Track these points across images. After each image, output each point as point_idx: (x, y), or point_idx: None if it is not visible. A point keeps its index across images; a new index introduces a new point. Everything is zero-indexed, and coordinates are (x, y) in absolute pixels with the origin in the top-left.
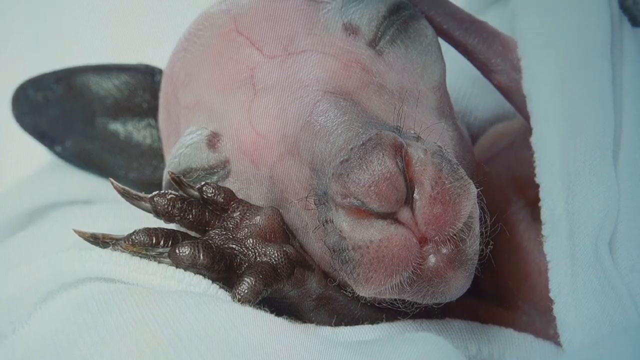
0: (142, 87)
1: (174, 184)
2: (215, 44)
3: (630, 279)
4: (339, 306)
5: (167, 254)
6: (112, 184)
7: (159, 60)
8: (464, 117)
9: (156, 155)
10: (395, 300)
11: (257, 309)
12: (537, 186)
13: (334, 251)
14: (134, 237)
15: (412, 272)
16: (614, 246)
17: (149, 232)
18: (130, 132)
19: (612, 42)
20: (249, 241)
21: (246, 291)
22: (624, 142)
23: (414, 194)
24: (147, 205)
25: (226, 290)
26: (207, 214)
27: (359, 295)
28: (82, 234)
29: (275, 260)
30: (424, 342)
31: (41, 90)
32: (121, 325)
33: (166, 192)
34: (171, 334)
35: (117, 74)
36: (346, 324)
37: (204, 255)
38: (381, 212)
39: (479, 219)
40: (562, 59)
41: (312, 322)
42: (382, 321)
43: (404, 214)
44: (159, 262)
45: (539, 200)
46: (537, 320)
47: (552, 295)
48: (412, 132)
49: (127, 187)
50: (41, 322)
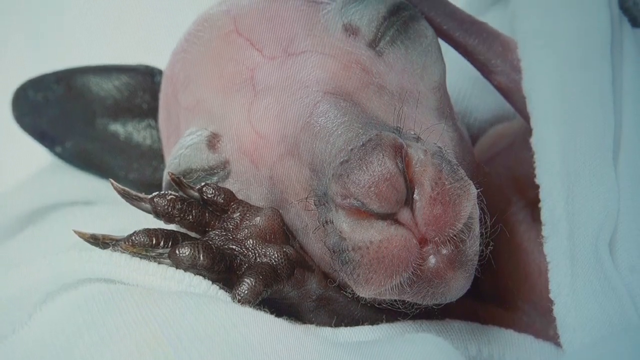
0: (142, 88)
1: (174, 184)
2: (215, 45)
3: (630, 279)
4: (339, 307)
5: (167, 254)
6: (112, 184)
7: (158, 60)
8: (464, 117)
9: (156, 156)
10: (395, 301)
11: (257, 309)
12: (537, 187)
13: (334, 252)
14: (134, 237)
15: (412, 272)
16: (614, 247)
17: (149, 232)
18: (130, 133)
19: (612, 43)
20: (249, 242)
21: (246, 292)
22: (624, 142)
23: (414, 195)
24: (147, 206)
25: (226, 291)
26: (207, 214)
27: (359, 296)
28: (82, 235)
29: (275, 261)
30: (424, 343)
31: (41, 90)
32: (121, 325)
33: (166, 192)
34: (171, 335)
35: (117, 74)
36: (346, 325)
37: (204, 256)
38: (381, 213)
39: (479, 219)
40: (562, 59)
41: (312, 322)
42: (382, 322)
43: (404, 215)
44: (159, 263)
45: (539, 201)
46: (537, 321)
47: (552, 295)
48: (412, 132)
49: (127, 188)
50: (41, 323)
